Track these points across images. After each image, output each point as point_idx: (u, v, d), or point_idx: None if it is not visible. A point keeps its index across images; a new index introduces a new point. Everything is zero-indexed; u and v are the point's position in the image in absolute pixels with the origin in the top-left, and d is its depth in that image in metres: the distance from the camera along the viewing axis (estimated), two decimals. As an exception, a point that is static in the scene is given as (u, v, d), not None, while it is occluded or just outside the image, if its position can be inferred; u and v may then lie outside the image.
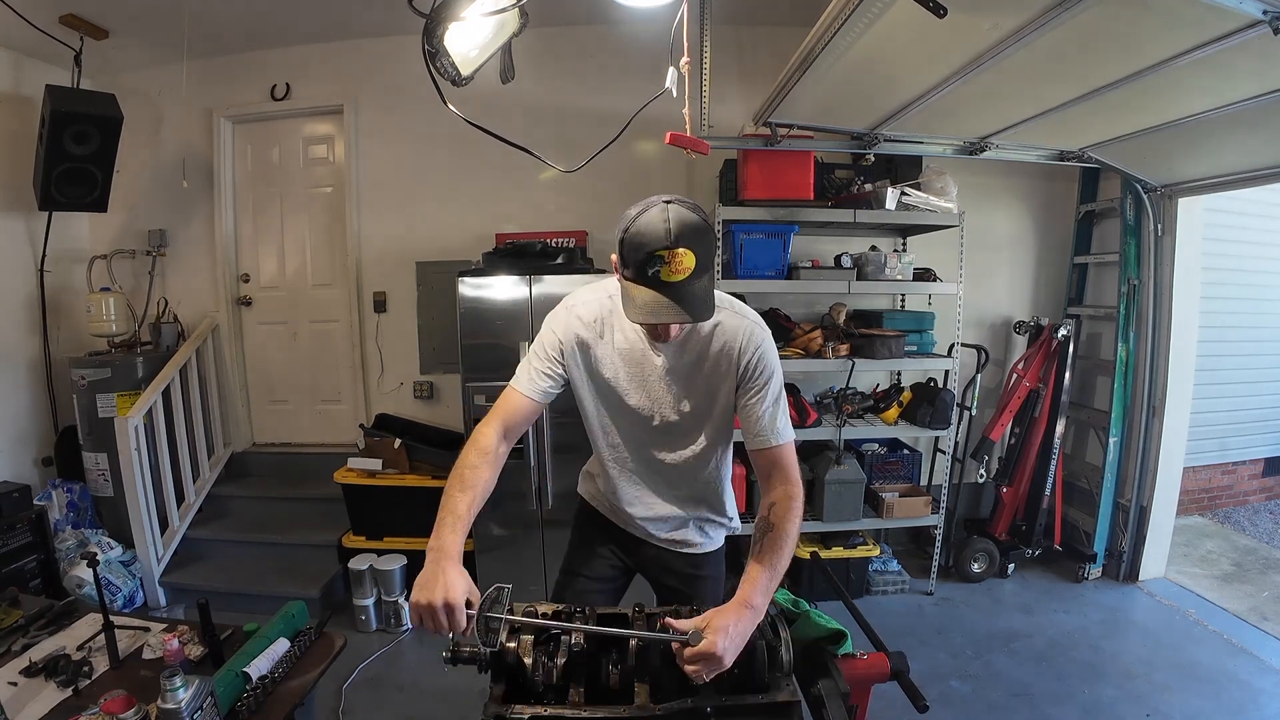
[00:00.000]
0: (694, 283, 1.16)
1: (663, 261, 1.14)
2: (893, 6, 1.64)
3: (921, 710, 1.17)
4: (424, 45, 1.51)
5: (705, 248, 1.17)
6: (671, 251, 1.13)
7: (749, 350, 1.34)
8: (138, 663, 1.63)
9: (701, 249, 1.16)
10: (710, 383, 1.40)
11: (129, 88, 3.78)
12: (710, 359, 1.38)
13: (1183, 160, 3.04)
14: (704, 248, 1.16)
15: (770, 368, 1.36)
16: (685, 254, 1.13)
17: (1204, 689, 2.69)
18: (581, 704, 1.11)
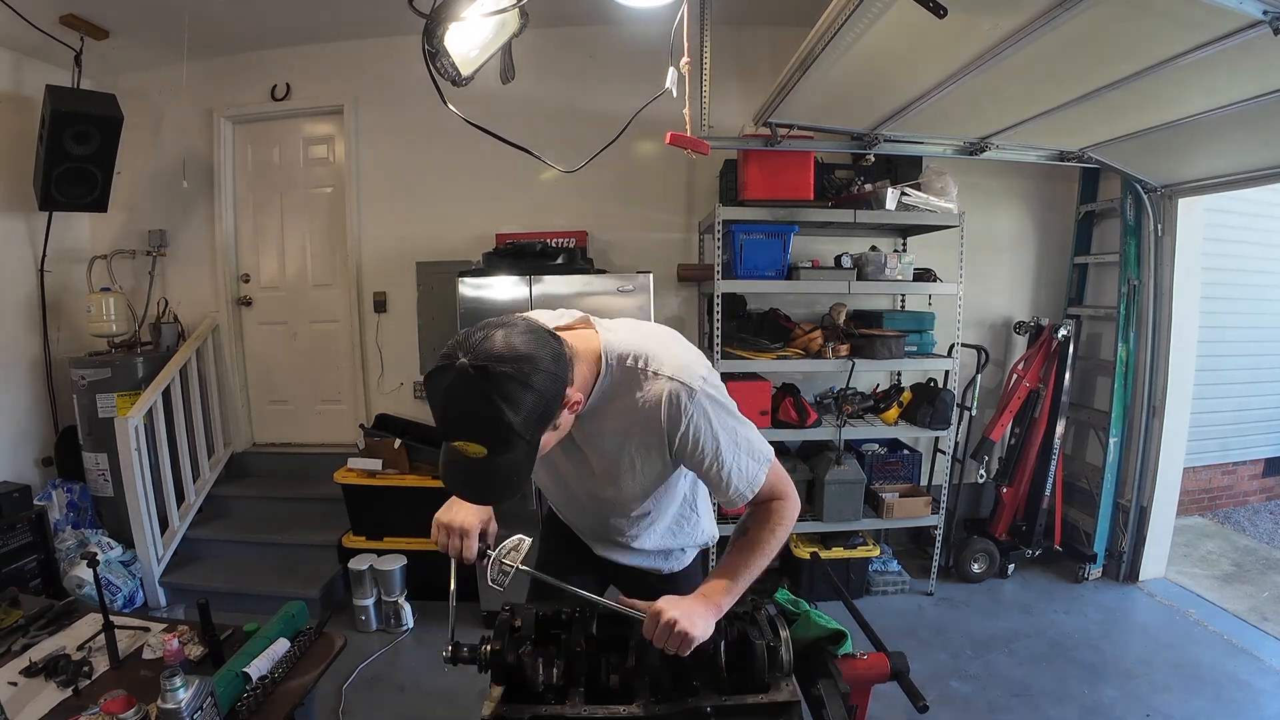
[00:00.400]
0: (490, 463, 0.97)
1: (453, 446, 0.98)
2: (893, 7, 1.64)
3: (921, 710, 1.17)
4: (424, 45, 1.51)
5: (497, 434, 0.94)
6: (453, 444, 0.97)
7: (678, 423, 1.11)
8: (138, 663, 1.63)
9: (492, 437, 0.94)
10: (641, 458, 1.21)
11: (129, 88, 3.79)
12: (634, 437, 1.18)
13: (1183, 160, 3.03)
14: (496, 434, 0.94)
15: (703, 440, 1.13)
16: (465, 445, 0.95)
17: (1204, 689, 2.69)
18: (581, 704, 1.11)
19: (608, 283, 3.07)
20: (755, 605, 1.26)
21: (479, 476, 1.01)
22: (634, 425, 1.15)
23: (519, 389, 0.93)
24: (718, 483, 1.17)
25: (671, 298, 3.91)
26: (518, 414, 0.93)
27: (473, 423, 0.94)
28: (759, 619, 1.20)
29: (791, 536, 3.45)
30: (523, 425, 0.94)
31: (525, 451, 0.99)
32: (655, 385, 1.11)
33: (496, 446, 0.95)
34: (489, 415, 0.92)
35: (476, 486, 1.04)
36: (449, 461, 1.01)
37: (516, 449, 0.97)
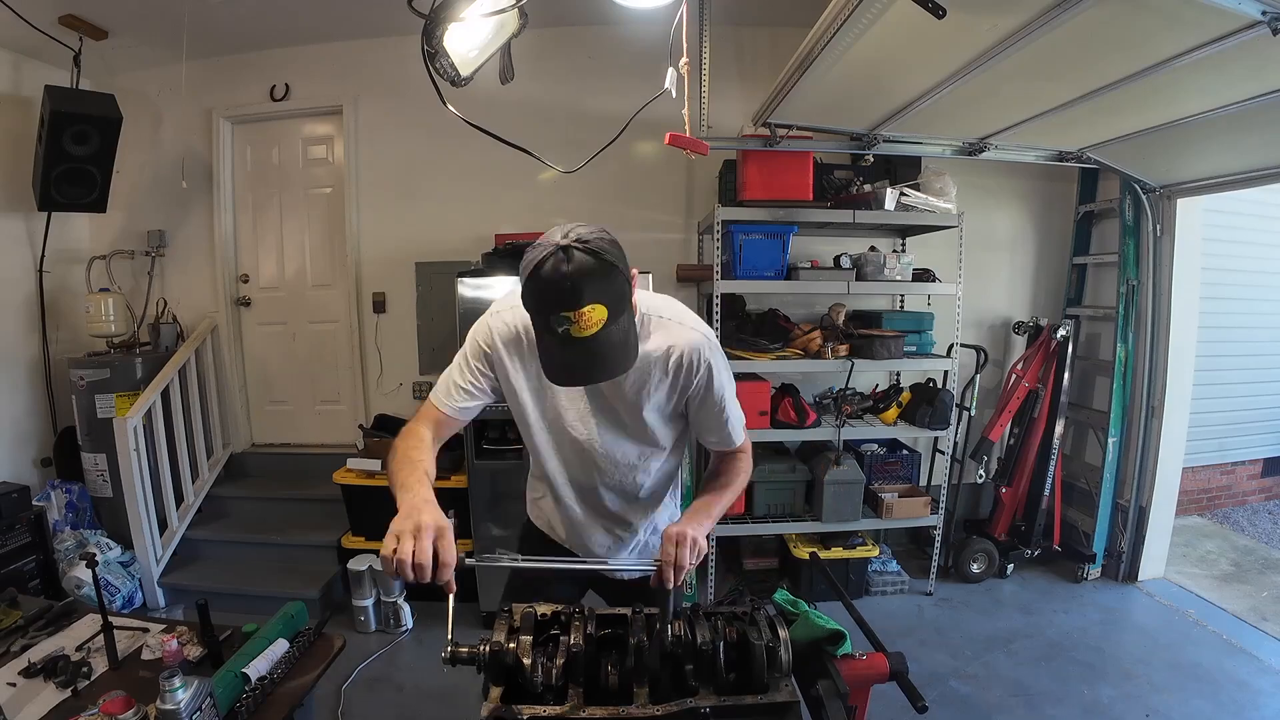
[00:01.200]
0: (608, 333, 1.04)
1: (569, 320, 1.02)
2: (892, 7, 1.64)
3: (920, 711, 1.17)
4: (423, 46, 1.51)
5: (615, 293, 1.03)
6: (577, 311, 1.01)
7: (698, 368, 1.26)
8: (137, 663, 1.62)
9: (611, 296, 1.02)
10: (656, 396, 1.31)
11: (128, 88, 3.79)
12: (655, 374, 1.28)
13: (1182, 161, 3.04)
14: (613, 293, 1.03)
15: (720, 382, 1.30)
16: (592, 309, 1.01)
17: (1203, 689, 2.70)
18: (580, 704, 1.11)
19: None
20: (754, 605, 1.26)
21: (606, 346, 1.05)
22: (657, 368, 1.26)
23: (613, 252, 1.04)
24: (719, 423, 1.34)
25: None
26: (620, 270, 1.04)
27: (595, 282, 1.00)
28: (758, 619, 1.20)
29: (791, 536, 3.49)
30: (624, 282, 1.06)
31: (627, 319, 1.09)
32: (680, 333, 1.26)
33: (616, 303, 1.04)
34: (607, 270, 1.01)
35: (604, 359, 1.07)
36: (563, 351, 1.06)
37: (622, 314, 1.06)
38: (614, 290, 1.03)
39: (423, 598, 3.27)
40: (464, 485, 3.16)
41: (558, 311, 1.02)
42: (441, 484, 3.21)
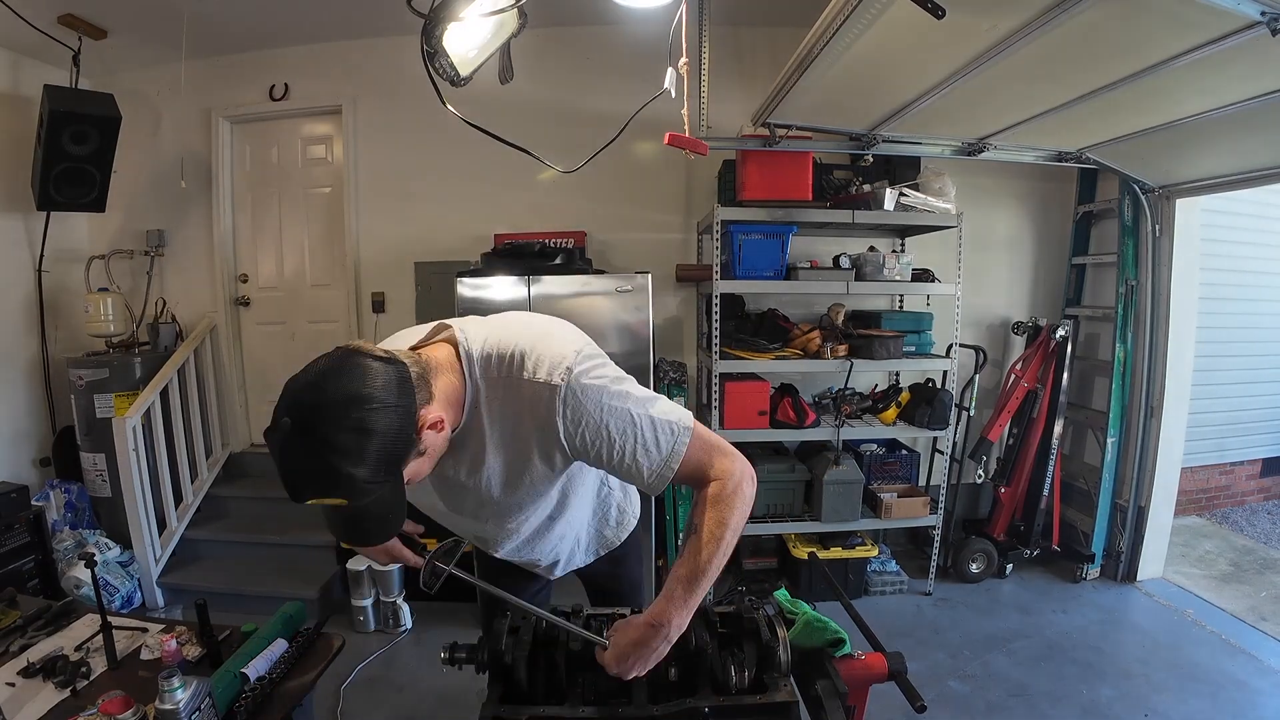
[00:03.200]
0: (357, 509, 0.90)
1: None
2: (891, 7, 1.64)
3: (919, 711, 1.17)
4: (423, 46, 1.51)
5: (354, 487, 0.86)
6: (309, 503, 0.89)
7: (561, 425, 1.01)
8: (136, 663, 1.62)
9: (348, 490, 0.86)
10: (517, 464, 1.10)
11: (127, 88, 3.78)
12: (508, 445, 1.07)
13: (1181, 161, 3.04)
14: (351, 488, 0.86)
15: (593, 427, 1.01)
16: (320, 501, 0.89)
17: (1202, 689, 2.70)
18: (579, 704, 1.11)
19: (606, 283, 3.07)
20: (754, 605, 1.26)
21: (352, 522, 0.94)
22: (519, 432, 1.05)
23: (355, 438, 0.85)
24: (629, 473, 1.05)
25: (670, 298, 3.91)
26: (361, 464, 0.85)
27: (317, 483, 0.87)
28: (757, 619, 1.20)
29: (790, 536, 3.49)
30: (371, 472, 0.86)
31: (390, 489, 0.91)
32: (524, 389, 1.01)
33: (353, 497, 0.88)
34: (329, 472, 0.85)
35: (354, 532, 0.98)
36: (326, 515, 0.95)
37: (378, 491, 0.89)
38: (343, 487, 0.86)
39: (422, 598, 3.27)
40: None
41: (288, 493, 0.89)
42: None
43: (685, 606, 1.02)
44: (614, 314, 3.06)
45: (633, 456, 1.03)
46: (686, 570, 1.03)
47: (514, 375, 1.02)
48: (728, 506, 1.04)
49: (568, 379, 1.00)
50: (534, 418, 1.02)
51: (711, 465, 1.07)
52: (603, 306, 3.06)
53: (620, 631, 1.06)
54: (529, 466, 1.09)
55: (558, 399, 1.00)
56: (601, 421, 1.01)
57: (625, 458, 1.03)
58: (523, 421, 1.04)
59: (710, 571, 1.03)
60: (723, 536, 1.03)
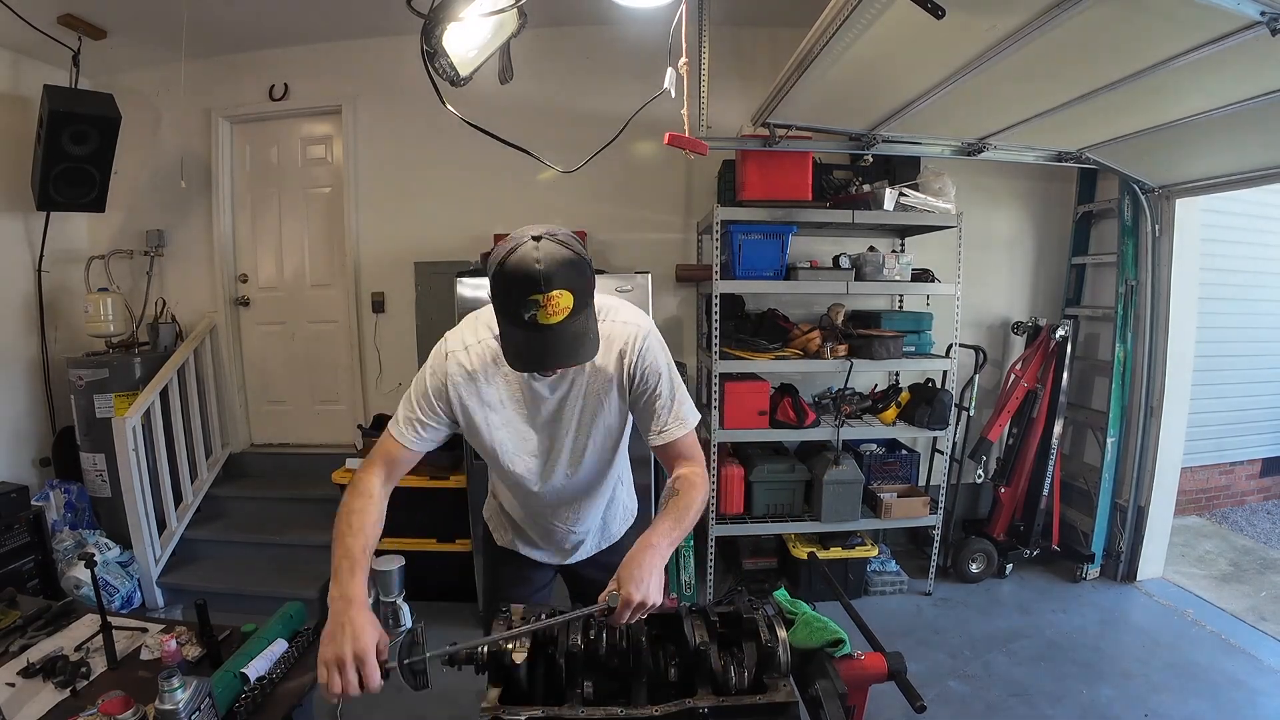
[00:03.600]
0: (573, 322, 1.08)
1: (538, 305, 1.05)
2: (891, 7, 1.64)
3: (919, 710, 1.17)
4: (422, 46, 1.51)
5: (581, 283, 1.08)
6: (546, 295, 1.04)
7: (635, 358, 1.29)
8: (135, 663, 1.62)
9: (578, 285, 1.07)
10: (600, 397, 1.34)
11: (127, 88, 3.78)
12: (598, 373, 1.32)
13: (1180, 161, 3.04)
14: (580, 284, 1.08)
15: (658, 369, 1.31)
16: (560, 295, 1.05)
17: (1201, 689, 2.70)
18: (579, 705, 1.11)
19: (606, 283, 3.07)
20: (754, 605, 1.26)
21: (570, 334, 1.09)
22: (603, 369, 1.30)
23: (579, 248, 1.10)
24: (664, 410, 1.32)
25: (670, 298, 3.91)
26: (586, 263, 1.10)
27: (563, 270, 1.05)
28: (757, 619, 1.20)
29: (790, 536, 3.50)
30: (590, 274, 1.11)
31: (589, 313, 1.14)
32: (615, 328, 1.29)
33: (581, 294, 1.08)
34: (577, 259, 1.08)
35: (568, 346, 1.11)
36: (529, 338, 1.09)
37: (587, 306, 1.12)
38: (580, 282, 1.08)
39: (422, 598, 3.26)
40: (463, 485, 3.16)
41: (527, 296, 1.05)
42: (440, 484, 3.23)
43: (669, 539, 1.20)
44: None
45: (665, 405, 1.32)
46: (673, 519, 1.24)
47: (613, 319, 1.30)
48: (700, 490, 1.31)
49: (649, 329, 1.32)
50: (616, 349, 1.29)
51: (694, 454, 1.36)
52: (602, 306, 3.06)
53: (624, 568, 1.14)
54: (605, 399, 1.34)
55: (640, 336, 1.30)
56: (658, 368, 1.31)
57: (658, 402, 1.32)
58: (610, 352, 1.29)
59: (685, 527, 1.25)
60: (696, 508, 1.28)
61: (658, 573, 1.14)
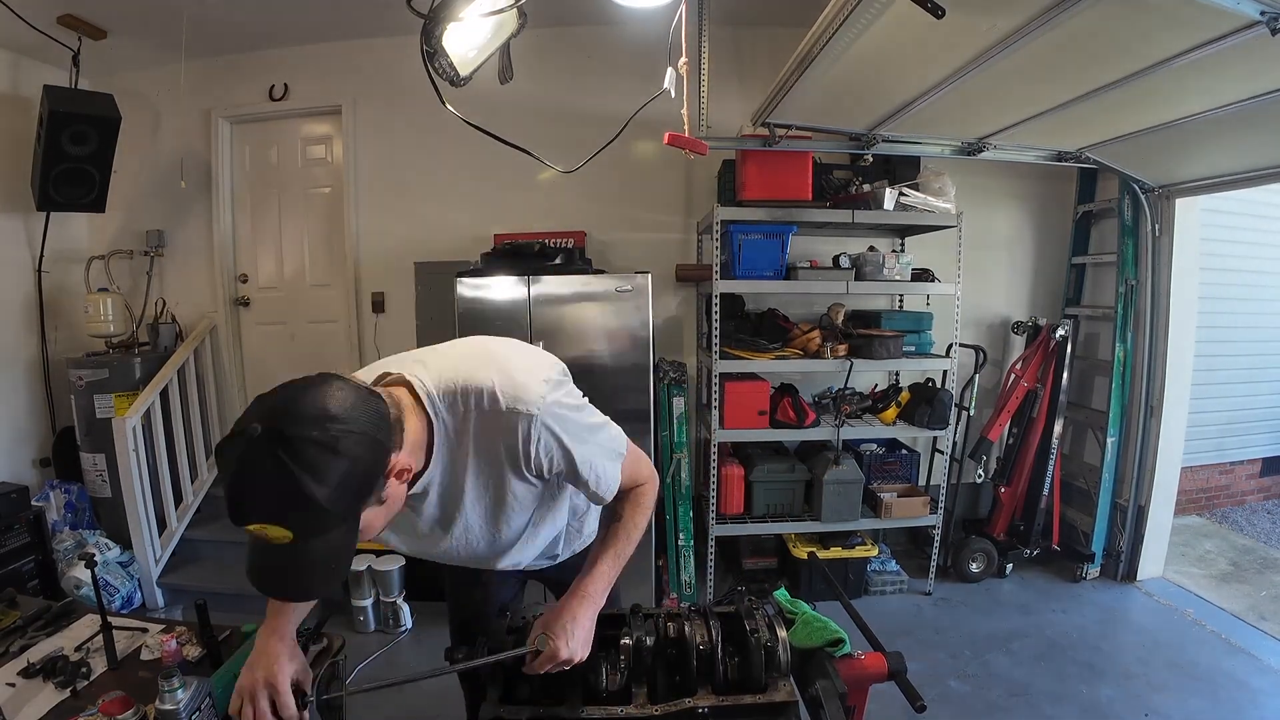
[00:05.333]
0: (299, 550, 0.82)
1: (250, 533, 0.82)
2: (890, 8, 1.64)
3: (919, 710, 1.17)
4: (422, 46, 1.51)
5: (306, 516, 0.80)
6: (247, 528, 0.81)
7: (533, 452, 1.04)
8: (136, 663, 1.62)
9: (298, 520, 0.80)
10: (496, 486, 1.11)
11: (127, 88, 3.78)
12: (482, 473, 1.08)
13: (1180, 161, 3.04)
14: (303, 517, 0.80)
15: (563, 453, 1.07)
16: (263, 529, 0.80)
17: (1202, 689, 2.70)
18: (579, 705, 1.11)
19: (606, 283, 3.07)
20: (753, 605, 1.26)
21: (288, 568, 0.84)
22: (494, 463, 1.06)
23: (325, 455, 0.79)
24: (584, 486, 1.15)
25: (670, 298, 3.91)
26: (324, 485, 0.78)
27: (269, 502, 0.79)
28: (757, 619, 1.20)
29: (790, 536, 3.49)
30: (332, 500, 0.80)
31: (342, 533, 0.85)
32: (491, 422, 1.02)
33: (303, 529, 0.81)
34: (288, 490, 0.77)
35: (285, 580, 0.87)
36: (253, 554, 0.85)
37: (330, 530, 0.83)
38: (299, 511, 0.79)
39: (422, 598, 3.28)
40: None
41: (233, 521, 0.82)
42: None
43: (605, 583, 1.16)
44: (614, 314, 3.06)
45: (589, 477, 1.12)
46: (612, 555, 1.19)
47: (485, 408, 1.02)
48: (645, 510, 1.24)
49: (542, 407, 1.03)
50: (507, 446, 1.04)
51: (638, 474, 1.25)
52: (602, 307, 3.06)
53: (555, 616, 1.10)
54: (507, 489, 1.11)
55: (534, 427, 1.03)
56: (567, 447, 1.07)
57: (582, 477, 1.12)
58: (496, 450, 1.05)
59: (626, 554, 1.21)
60: (641, 531, 1.23)
61: (586, 625, 1.09)
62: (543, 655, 1.06)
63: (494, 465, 1.06)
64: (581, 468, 1.09)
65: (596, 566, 1.17)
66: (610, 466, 1.15)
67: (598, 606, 1.12)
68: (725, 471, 3.36)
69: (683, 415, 3.30)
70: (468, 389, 1.02)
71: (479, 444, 1.04)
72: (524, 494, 1.14)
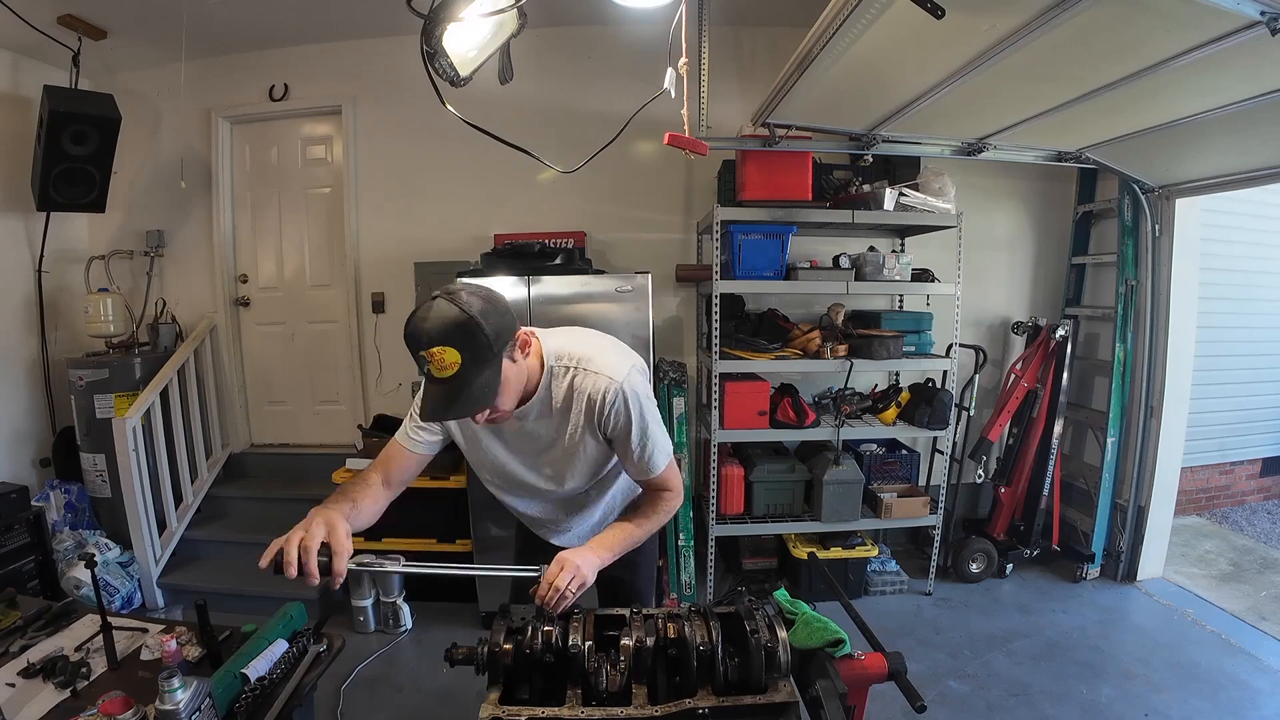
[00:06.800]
0: (464, 376, 1.13)
1: (426, 361, 1.12)
2: (890, 8, 1.64)
3: (919, 710, 1.17)
4: (422, 46, 1.51)
5: (471, 342, 1.12)
6: (428, 351, 1.11)
7: (605, 413, 1.34)
8: (136, 664, 1.62)
9: (466, 344, 1.12)
10: (576, 436, 1.40)
11: (127, 88, 3.79)
12: (572, 417, 1.37)
13: (1180, 161, 3.04)
14: (469, 342, 1.12)
15: (627, 424, 1.35)
16: (443, 351, 1.10)
17: (1202, 689, 2.70)
18: (579, 705, 1.11)
19: (606, 283, 3.07)
20: (753, 605, 1.26)
21: (461, 388, 1.13)
22: (577, 411, 1.36)
23: (485, 307, 1.15)
24: (633, 456, 1.39)
25: (670, 298, 3.91)
26: (485, 323, 1.12)
27: (449, 332, 1.11)
28: (757, 619, 1.20)
29: (790, 536, 3.50)
30: (488, 334, 1.13)
31: (492, 371, 1.16)
32: (588, 380, 1.33)
33: (471, 346, 1.12)
34: (462, 322, 1.11)
35: (457, 399, 1.15)
36: (429, 392, 1.19)
37: (484, 358, 1.14)
38: (470, 341, 1.12)
39: (422, 598, 3.28)
40: (463, 485, 3.17)
41: (416, 351, 1.13)
42: (440, 484, 3.23)
43: (613, 554, 1.36)
44: (614, 314, 3.06)
45: (635, 452, 1.38)
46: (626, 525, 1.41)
47: (584, 369, 1.34)
48: (665, 514, 1.46)
49: (621, 382, 1.33)
50: (589, 399, 1.34)
51: (671, 480, 1.46)
52: (603, 307, 3.06)
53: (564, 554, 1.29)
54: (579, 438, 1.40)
55: (611, 391, 1.32)
56: (627, 423, 1.35)
57: (629, 449, 1.38)
58: (581, 399, 1.35)
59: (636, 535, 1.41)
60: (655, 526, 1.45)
61: (584, 570, 1.27)
62: (544, 577, 1.24)
63: (577, 414, 1.36)
64: (635, 437, 1.35)
65: (609, 532, 1.39)
66: (658, 453, 1.40)
67: (601, 560, 1.32)
68: (725, 472, 3.36)
69: (683, 415, 3.31)
70: (574, 354, 1.35)
71: (571, 395, 1.35)
72: (592, 449, 1.41)
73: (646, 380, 1.41)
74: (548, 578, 1.24)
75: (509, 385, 1.22)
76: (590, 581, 1.28)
